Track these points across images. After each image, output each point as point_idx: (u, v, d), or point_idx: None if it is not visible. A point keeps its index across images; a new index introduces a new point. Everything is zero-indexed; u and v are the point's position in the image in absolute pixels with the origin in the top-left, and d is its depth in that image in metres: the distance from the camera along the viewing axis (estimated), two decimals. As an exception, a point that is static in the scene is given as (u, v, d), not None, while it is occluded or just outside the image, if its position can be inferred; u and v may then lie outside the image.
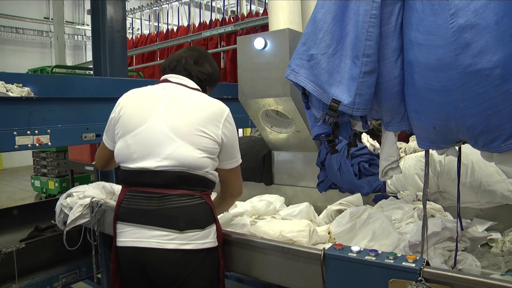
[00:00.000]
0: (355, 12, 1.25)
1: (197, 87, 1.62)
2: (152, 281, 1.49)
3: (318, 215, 2.27)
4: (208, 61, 1.70)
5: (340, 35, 1.30)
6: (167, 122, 1.46)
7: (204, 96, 1.59)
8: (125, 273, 1.53)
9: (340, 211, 2.14)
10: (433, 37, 1.10)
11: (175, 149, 1.43)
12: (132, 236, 1.46)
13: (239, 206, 2.40)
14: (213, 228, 1.49)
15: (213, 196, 1.65)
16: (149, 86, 1.61)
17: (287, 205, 2.50)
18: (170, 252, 1.40)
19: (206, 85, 1.69)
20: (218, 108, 1.53)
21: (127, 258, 1.49)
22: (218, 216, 1.61)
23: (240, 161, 1.63)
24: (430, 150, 1.40)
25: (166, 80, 1.61)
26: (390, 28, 1.23)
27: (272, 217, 2.26)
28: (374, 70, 1.24)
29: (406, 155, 2.34)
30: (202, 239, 1.44)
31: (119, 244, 1.50)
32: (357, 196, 2.25)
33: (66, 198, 2.28)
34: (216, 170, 1.56)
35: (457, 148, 1.35)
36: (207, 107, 1.52)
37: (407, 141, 2.45)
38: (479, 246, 1.74)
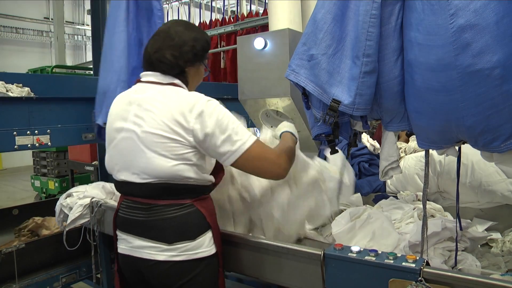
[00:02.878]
0: (355, 12, 1.25)
1: (171, 80, 1.44)
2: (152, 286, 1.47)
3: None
4: (169, 46, 1.43)
5: (340, 35, 1.30)
6: (137, 131, 1.36)
7: (173, 93, 1.40)
8: (127, 277, 1.53)
9: (340, 211, 2.14)
10: (433, 37, 1.10)
11: (146, 161, 1.34)
12: (127, 245, 1.44)
13: None
14: (207, 236, 1.40)
15: None
16: (128, 90, 1.51)
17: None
18: (161, 263, 1.36)
19: (182, 67, 1.46)
20: (186, 104, 1.34)
21: (125, 265, 1.49)
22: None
23: (238, 155, 1.34)
24: (430, 150, 1.40)
25: (139, 81, 1.50)
26: (390, 28, 1.23)
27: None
28: (374, 70, 1.24)
29: (406, 155, 2.34)
30: (194, 250, 1.37)
31: (118, 250, 1.50)
32: (357, 196, 2.24)
33: (66, 198, 2.28)
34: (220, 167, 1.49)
35: (457, 148, 1.35)
36: (173, 107, 1.34)
37: (407, 141, 2.45)
38: (479, 246, 1.75)
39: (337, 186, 1.92)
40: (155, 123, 1.34)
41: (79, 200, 2.19)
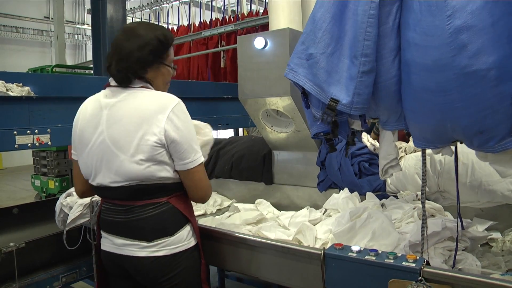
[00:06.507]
0: (353, 12, 1.25)
1: (141, 83, 1.45)
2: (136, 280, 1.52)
3: (318, 214, 2.26)
4: (117, 61, 1.42)
5: (338, 34, 1.30)
6: (109, 136, 1.40)
7: (146, 94, 1.42)
8: (110, 272, 1.58)
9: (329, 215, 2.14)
10: (430, 37, 1.10)
11: (119, 165, 1.38)
12: (110, 243, 1.50)
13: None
14: (185, 230, 1.47)
15: None
16: (97, 95, 1.53)
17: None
18: (143, 259, 1.42)
19: (133, 77, 1.43)
20: (160, 105, 1.38)
21: (109, 261, 1.54)
22: None
23: (196, 163, 1.42)
24: (429, 150, 1.40)
25: (108, 85, 1.50)
26: (387, 28, 1.23)
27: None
28: (372, 70, 1.24)
29: (406, 154, 2.34)
30: (173, 245, 1.43)
31: (102, 247, 1.55)
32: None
33: (66, 197, 2.28)
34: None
35: (453, 148, 1.35)
36: (146, 109, 1.38)
37: (407, 141, 2.44)
38: (479, 245, 1.74)
39: None
40: (126, 126, 1.37)
41: (79, 200, 2.19)
